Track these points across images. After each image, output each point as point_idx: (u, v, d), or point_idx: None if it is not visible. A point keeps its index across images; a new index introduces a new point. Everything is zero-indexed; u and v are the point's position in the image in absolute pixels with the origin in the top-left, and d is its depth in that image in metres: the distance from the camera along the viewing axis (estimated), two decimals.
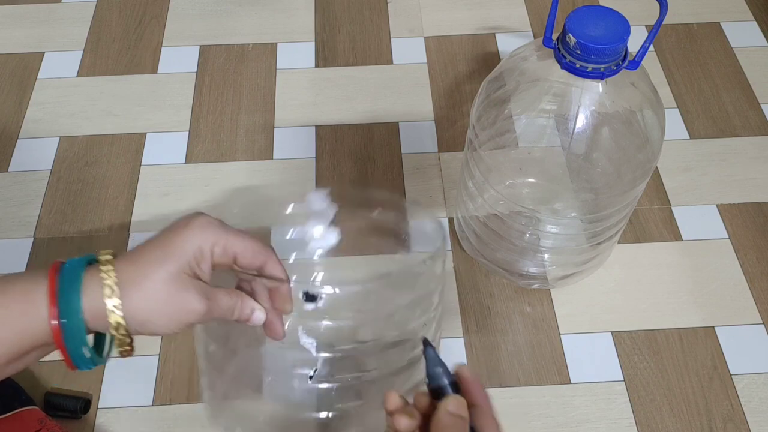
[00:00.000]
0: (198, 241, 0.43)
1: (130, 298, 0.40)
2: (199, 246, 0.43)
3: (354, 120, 0.96)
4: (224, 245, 0.43)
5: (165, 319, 0.41)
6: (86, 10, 1.09)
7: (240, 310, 0.45)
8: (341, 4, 1.10)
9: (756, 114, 0.97)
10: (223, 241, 0.43)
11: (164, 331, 0.42)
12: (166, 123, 0.96)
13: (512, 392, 0.75)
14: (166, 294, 0.41)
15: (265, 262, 0.46)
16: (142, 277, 0.41)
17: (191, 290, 0.42)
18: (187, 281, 0.42)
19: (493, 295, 0.81)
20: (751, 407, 0.74)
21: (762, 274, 0.82)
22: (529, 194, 0.80)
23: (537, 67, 0.67)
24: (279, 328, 0.48)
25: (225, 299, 0.44)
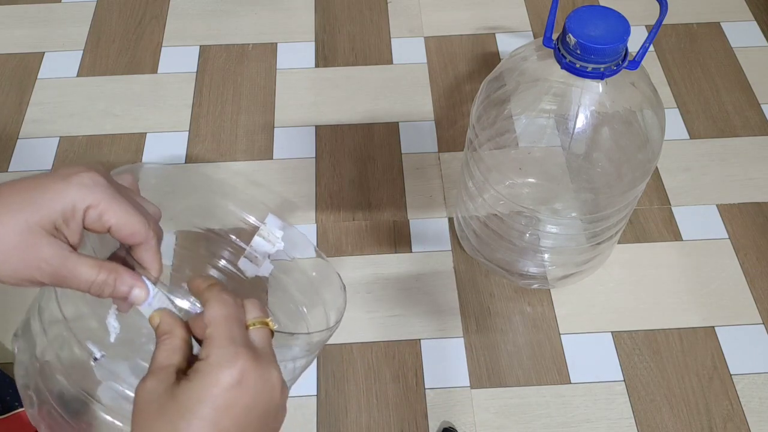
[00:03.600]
0: (72, 199, 0.38)
1: None
2: (72, 204, 0.38)
3: (354, 120, 0.96)
4: (101, 212, 0.38)
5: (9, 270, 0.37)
6: (86, 10, 1.09)
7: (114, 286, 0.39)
8: (341, 4, 1.10)
9: (756, 114, 0.97)
10: (102, 206, 0.38)
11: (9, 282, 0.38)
12: (166, 123, 0.96)
13: (512, 392, 0.75)
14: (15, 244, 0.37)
15: (140, 244, 0.40)
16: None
17: (45, 247, 0.37)
18: (44, 237, 0.37)
19: (493, 295, 0.81)
20: (751, 407, 0.74)
21: (762, 274, 0.82)
22: (529, 194, 0.80)
23: (537, 67, 0.67)
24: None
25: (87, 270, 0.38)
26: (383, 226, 0.86)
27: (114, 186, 0.40)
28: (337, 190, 0.89)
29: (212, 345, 0.36)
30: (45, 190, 0.37)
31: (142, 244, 0.40)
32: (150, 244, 0.41)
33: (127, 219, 0.39)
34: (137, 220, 0.39)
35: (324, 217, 0.87)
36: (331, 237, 0.85)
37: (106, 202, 0.38)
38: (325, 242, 0.85)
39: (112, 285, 0.39)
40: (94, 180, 0.38)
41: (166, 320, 0.39)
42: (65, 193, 0.38)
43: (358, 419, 0.73)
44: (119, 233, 0.39)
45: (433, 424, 0.73)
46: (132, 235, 0.40)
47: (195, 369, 0.36)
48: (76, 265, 0.38)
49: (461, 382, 0.75)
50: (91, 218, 0.38)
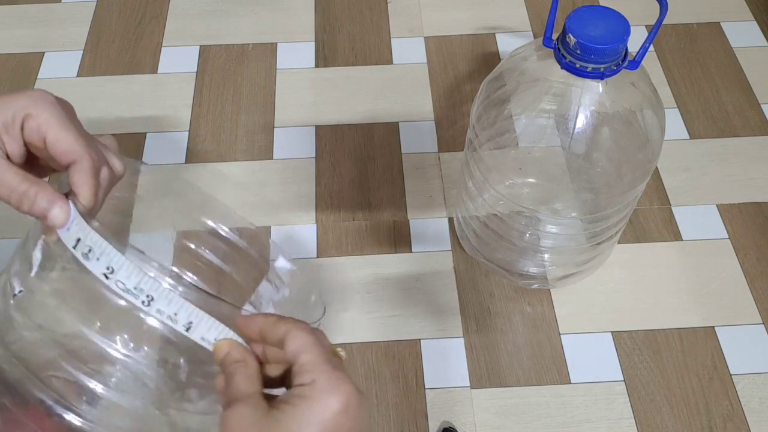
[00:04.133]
0: (15, 108, 0.37)
1: None
2: (13, 113, 0.37)
3: (354, 120, 0.96)
4: (39, 123, 0.38)
5: None
6: (86, 10, 1.09)
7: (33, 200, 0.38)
8: (341, 4, 1.10)
9: (756, 114, 0.97)
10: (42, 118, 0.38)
11: None
12: (166, 123, 0.96)
13: (512, 392, 0.75)
14: None
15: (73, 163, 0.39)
16: None
17: None
18: None
19: (493, 295, 0.81)
20: (751, 407, 0.74)
21: (762, 274, 0.82)
22: (529, 194, 0.80)
23: (537, 67, 0.67)
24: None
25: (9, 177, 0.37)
26: (383, 226, 0.86)
27: (63, 107, 0.39)
28: (337, 190, 0.89)
29: (315, 370, 0.36)
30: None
31: (75, 163, 0.39)
32: (82, 165, 0.39)
33: (63, 135, 0.38)
34: (73, 138, 0.39)
35: (324, 217, 0.87)
36: (331, 237, 0.85)
37: (46, 114, 0.38)
38: (325, 242, 0.85)
39: (32, 198, 0.38)
40: (43, 96, 0.39)
41: (237, 348, 0.38)
42: (13, 102, 0.38)
43: None
44: (54, 148, 0.39)
45: (433, 424, 0.73)
46: (66, 153, 0.39)
47: (299, 394, 0.35)
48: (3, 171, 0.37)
49: (461, 382, 0.75)
50: (30, 128, 0.38)
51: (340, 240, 0.85)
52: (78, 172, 0.39)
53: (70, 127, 0.39)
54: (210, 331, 0.38)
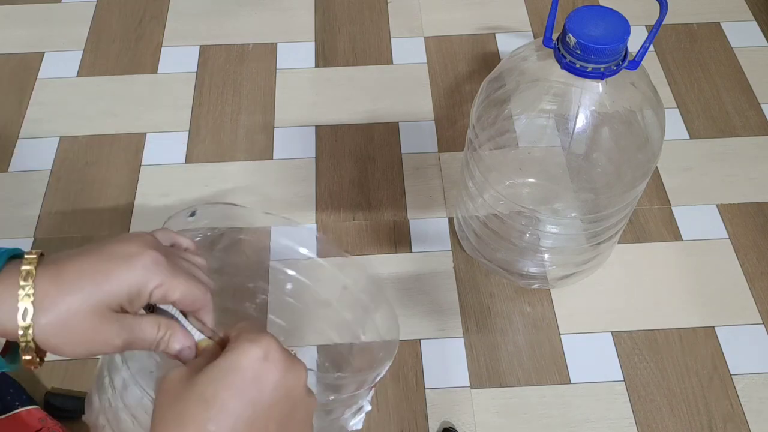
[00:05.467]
0: (138, 282, 0.39)
1: (44, 323, 0.38)
2: (138, 288, 0.39)
3: (354, 120, 0.96)
4: (165, 290, 0.40)
5: (79, 348, 0.39)
6: (86, 10, 1.09)
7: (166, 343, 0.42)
8: (341, 4, 1.10)
9: (756, 114, 0.97)
10: (166, 285, 0.40)
11: (75, 356, 0.39)
12: (166, 123, 0.96)
13: (512, 392, 0.75)
14: (83, 327, 0.38)
15: (200, 310, 0.43)
16: (62, 305, 0.38)
17: (112, 325, 0.39)
18: (111, 316, 0.39)
19: (493, 295, 0.81)
20: (751, 407, 0.74)
21: (762, 274, 0.82)
22: (529, 194, 0.80)
23: (537, 67, 0.67)
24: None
25: (150, 332, 0.41)
26: (383, 226, 0.86)
27: (171, 261, 0.42)
28: (337, 190, 0.89)
29: (239, 332, 0.39)
30: (110, 275, 0.39)
31: (202, 310, 0.43)
32: (207, 309, 0.43)
33: (189, 291, 0.41)
34: (197, 290, 0.42)
35: (324, 217, 0.87)
36: (331, 237, 0.85)
37: (168, 281, 0.41)
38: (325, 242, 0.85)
39: (167, 342, 0.42)
40: (156, 260, 0.40)
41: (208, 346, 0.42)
42: (130, 278, 0.39)
43: None
44: (182, 304, 0.42)
45: (433, 424, 0.73)
46: (194, 303, 0.42)
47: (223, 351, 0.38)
48: (142, 327, 0.41)
49: (461, 382, 0.75)
50: (156, 297, 0.41)
51: (340, 240, 0.85)
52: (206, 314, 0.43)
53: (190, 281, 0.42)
54: None
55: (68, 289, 0.38)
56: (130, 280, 0.39)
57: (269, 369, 0.37)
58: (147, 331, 0.41)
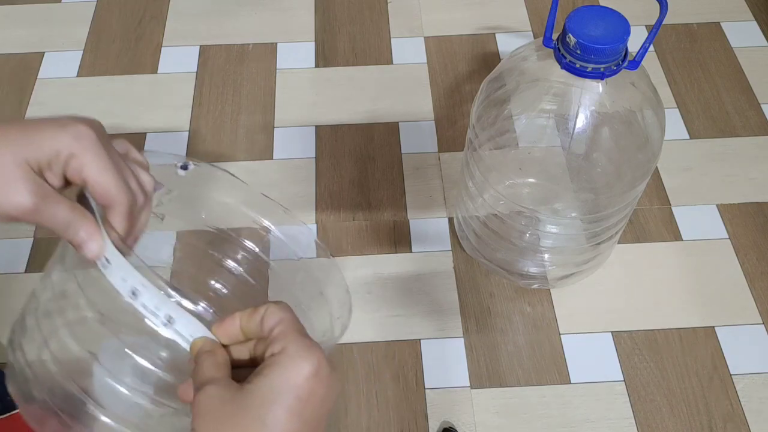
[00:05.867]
0: (60, 145, 0.39)
1: None
2: (58, 150, 0.39)
3: (354, 120, 0.96)
4: (81, 164, 0.39)
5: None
6: (86, 10, 1.09)
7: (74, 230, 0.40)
8: (341, 4, 1.10)
9: (756, 114, 0.97)
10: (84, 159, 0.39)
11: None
12: (166, 123, 0.96)
13: (512, 392, 0.75)
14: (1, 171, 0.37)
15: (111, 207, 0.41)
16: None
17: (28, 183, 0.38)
18: (29, 173, 0.38)
19: (493, 295, 0.81)
20: (751, 407, 0.74)
21: (762, 274, 0.82)
22: (529, 194, 0.80)
23: (537, 67, 0.67)
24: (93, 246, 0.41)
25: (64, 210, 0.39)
26: (383, 226, 0.86)
27: (104, 144, 0.40)
28: (337, 190, 0.89)
29: (285, 339, 0.36)
30: (40, 132, 0.39)
31: (112, 207, 0.41)
32: (117, 209, 0.41)
33: (102, 178, 0.40)
34: (112, 181, 0.40)
35: (324, 217, 0.87)
36: (331, 237, 0.85)
37: (89, 155, 0.39)
38: (325, 242, 0.85)
39: (76, 228, 0.40)
40: (87, 133, 0.40)
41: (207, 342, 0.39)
42: (57, 138, 0.39)
43: (358, 419, 0.73)
44: (94, 191, 0.40)
45: (433, 424, 0.73)
46: (103, 195, 0.40)
47: (268, 364, 0.36)
48: (56, 203, 0.39)
49: (461, 382, 0.75)
50: (72, 168, 0.39)
51: (340, 240, 0.85)
52: (113, 215, 0.41)
53: (109, 169, 0.40)
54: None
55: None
56: (55, 141, 0.39)
57: (319, 385, 0.36)
58: (60, 207, 0.40)
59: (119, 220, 0.41)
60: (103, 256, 0.41)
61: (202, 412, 0.35)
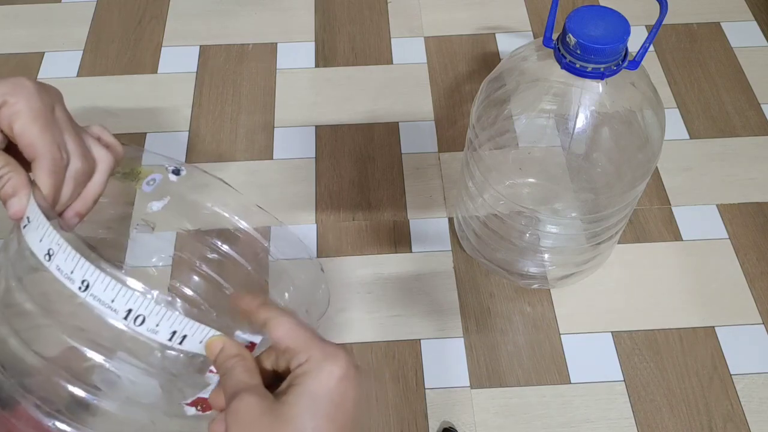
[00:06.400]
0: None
1: None
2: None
3: (354, 120, 0.96)
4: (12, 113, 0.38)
5: None
6: (86, 10, 1.09)
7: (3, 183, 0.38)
8: (341, 4, 1.10)
9: (756, 114, 0.97)
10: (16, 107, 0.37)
11: None
12: (166, 123, 0.96)
13: (512, 392, 0.75)
14: None
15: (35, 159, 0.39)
16: None
17: None
18: None
19: (493, 295, 0.81)
20: (751, 407, 0.74)
21: (762, 274, 0.82)
22: (529, 194, 0.80)
23: (537, 67, 0.67)
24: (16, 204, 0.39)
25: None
26: (383, 226, 0.86)
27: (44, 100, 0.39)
28: (337, 190, 0.89)
29: (308, 348, 0.36)
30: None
31: (36, 160, 0.39)
32: (42, 163, 0.39)
33: (30, 128, 0.38)
34: (38, 132, 0.38)
35: (324, 217, 0.87)
36: (331, 237, 0.85)
37: (21, 104, 0.38)
38: (325, 242, 0.85)
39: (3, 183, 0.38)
40: (25, 84, 0.38)
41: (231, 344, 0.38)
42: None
43: None
44: (20, 139, 0.39)
45: (433, 424, 0.73)
46: (28, 147, 0.39)
47: (300, 373, 0.35)
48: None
49: (461, 382, 0.75)
50: (3, 116, 0.38)
51: (340, 240, 0.85)
52: (38, 169, 0.39)
53: (39, 120, 0.38)
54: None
55: None
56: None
57: (350, 387, 0.36)
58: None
59: (43, 174, 0.39)
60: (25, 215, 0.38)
61: (240, 420, 0.34)
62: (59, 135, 0.40)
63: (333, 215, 0.87)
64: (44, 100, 0.39)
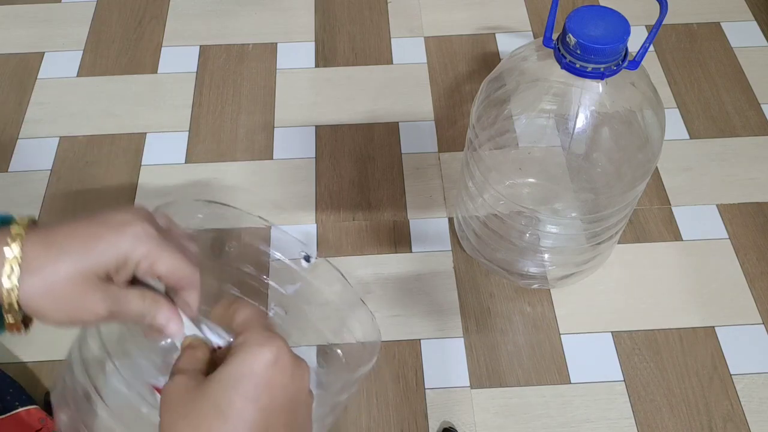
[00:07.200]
0: (126, 251, 0.39)
1: (29, 284, 0.37)
2: (125, 256, 0.39)
3: (354, 120, 0.96)
4: (152, 262, 0.40)
5: (61, 314, 0.39)
6: (86, 10, 1.09)
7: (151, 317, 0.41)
8: (341, 4, 1.10)
9: (756, 114, 0.97)
10: (153, 257, 0.40)
11: (57, 324, 0.39)
12: (166, 123, 0.96)
13: (512, 392, 0.75)
14: (69, 292, 0.38)
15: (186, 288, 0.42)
16: (49, 267, 0.38)
17: (98, 293, 0.39)
18: (97, 284, 0.39)
19: (493, 295, 0.81)
20: (751, 407, 0.74)
21: (762, 274, 0.82)
22: (529, 194, 0.80)
23: (537, 67, 0.67)
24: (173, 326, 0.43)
25: (136, 303, 0.41)
26: (383, 226, 0.86)
27: (162, 235, 0.41)
28: (337, 190, 0.89)
29: (247, 331, 0.38)
30: (100, 240, 0.39)
31: (187, 287, 0.42)
32: (195, 287, 0.42)
33: (177, 267, 0.41)
34: (185, 266, 0.41)
35: (324, 217, 0.87)
36: (331, 237, 0.85)
37: (156, 252, 0.40)
38: (325, 242, 0.85)
39: (153, 315, 0.41)
40: (147, 231, 0.40)
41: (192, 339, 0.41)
42: (119, 244, 0.39)
43: (357, 419, 0.73)
44: (168, 280, 0.41)
45: (433, 424, 0.73)
46: (180, 280, 0.41)
47: (230, 353, 0.37)
48: (128, 299, 0.40)
49: (461, 382, 0.75)
50: (143, 268, 0.40)
51: (340, 240, 0.85)
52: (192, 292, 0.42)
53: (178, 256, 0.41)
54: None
55: (57, 251, 0.38)
56: (118, 247, 0.39)
57: (279, 373, 0.36)
58: (133, 302, 0.40)
59: (195, 295, 0.42)
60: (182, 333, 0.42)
61: (167, 399, 0.36)
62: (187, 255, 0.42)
63: (333, 215, 0.87)
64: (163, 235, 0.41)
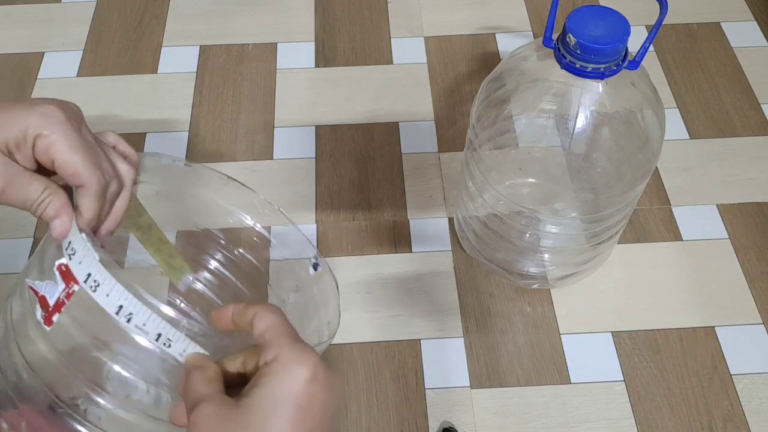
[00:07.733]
0: (27, 125, 0.38)
1: None
2: (25, 131, 0.38)
3: (354, 120, 0.96)
4: (49, 143, 0.38)
5: None
6: (86, 10, 1.09)
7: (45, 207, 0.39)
8: (341, 4, 1.10)
9: (756, 114, 0.97)
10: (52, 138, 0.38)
11: None
12: (166, 123, 0.96)
13: (512, 392, 0.75)
14: None
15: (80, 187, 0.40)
16: None
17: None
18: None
19: (493, 295, 0.81)
20: (751, 407, 0.74)
21: (762, 274, 0.82)
22: (529, 194, 0.80)
23: (537, 67, 0.67)
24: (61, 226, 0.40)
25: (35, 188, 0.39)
26: (383, 226, 0.86)
27: (74, 125, 0.40)
28: (337, 190, 0.89)
29: (278, 345, 0.35)
30: (8, 113, 0.38)
31: (82, 187, 0.40)
32: (88, 190, 0.40)
33: (72, 158, 0.39)
34: (80, 161, 0.39)
35: (324, 217, 0.87)
36: (331, 237, 0.85)
37: (56, 135, 0.39)
38: (325, 242, 0.85)
39: (46, 204, 0.39)
40: (54, 113, 0.39)
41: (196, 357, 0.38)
42: (24, 119, 0.38)
43: (358, 419, 0.73)
44: (62, 170, 0.39)
45: (433, 424, 0.73)
46: (73, 176, 0.39)
47: (263, 373, 0.35)
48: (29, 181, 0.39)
49: (461, 382, 0.75)
50: (40, 148, 0.39)
51: (340, 240, 0.85)
52: (83, 196, 0.40)
53: (78, 148, 0.40)
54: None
55: None
56: (21, 122, 0.38)
57: (318, 390, 0.35)
58: (32, 187, 0.39)
59: (87, 201, 0.40)
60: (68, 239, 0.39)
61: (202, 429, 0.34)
62: (97, 159, 0.41)
63: (333, 215, 0.87)
64: (74, 125, 0.40)
